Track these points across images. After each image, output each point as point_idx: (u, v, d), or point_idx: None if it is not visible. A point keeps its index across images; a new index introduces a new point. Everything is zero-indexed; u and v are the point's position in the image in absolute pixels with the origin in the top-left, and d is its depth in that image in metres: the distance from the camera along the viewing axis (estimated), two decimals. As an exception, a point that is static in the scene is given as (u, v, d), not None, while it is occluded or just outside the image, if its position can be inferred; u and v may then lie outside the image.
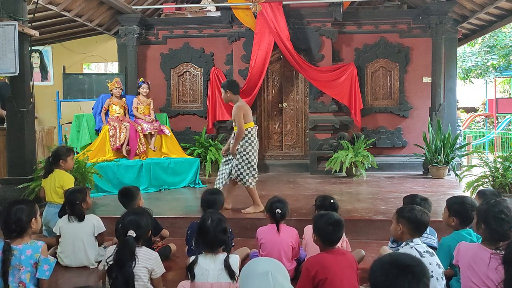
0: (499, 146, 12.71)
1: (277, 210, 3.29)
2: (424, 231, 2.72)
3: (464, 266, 2.44)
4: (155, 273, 2.77)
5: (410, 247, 2.57)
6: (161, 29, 8.63)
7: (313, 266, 2.48)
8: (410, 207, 2.77)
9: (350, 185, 6.75)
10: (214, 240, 2.52)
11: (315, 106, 8.05)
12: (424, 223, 2.66)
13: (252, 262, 1.85)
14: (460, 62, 15.31)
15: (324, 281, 2.43)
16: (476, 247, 2.47)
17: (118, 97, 6.94)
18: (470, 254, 2.42)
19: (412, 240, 2.61)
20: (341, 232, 2.66)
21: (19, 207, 2.68)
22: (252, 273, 1.75)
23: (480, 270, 2.34)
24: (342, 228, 2.67)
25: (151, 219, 2.97)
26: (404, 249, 2.59)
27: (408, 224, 2.65)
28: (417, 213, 2.67)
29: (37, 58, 9.64)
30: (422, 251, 2.54)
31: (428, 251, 2.56)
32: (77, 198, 3.67)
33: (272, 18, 7.42)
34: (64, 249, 3.67)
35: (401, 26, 8.27)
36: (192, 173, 6.77)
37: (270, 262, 1.83)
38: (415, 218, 2.64)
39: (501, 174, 4.96)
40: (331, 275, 2.44)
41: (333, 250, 2.62)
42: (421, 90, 8.24)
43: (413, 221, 2.64)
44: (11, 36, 4.88)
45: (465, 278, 2.43)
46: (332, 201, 3.33)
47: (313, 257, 2.60)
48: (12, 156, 5.27)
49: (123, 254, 2.59)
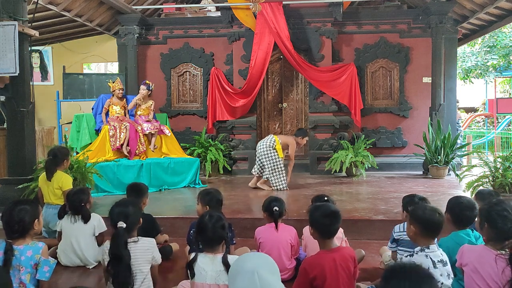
0: (499, 146, 12.70)
1: (274, 208, 3.31)
2: (439, 232, 2.57)
3: (468, 268, 2.39)
4: (155, 259, 2.79)
5: (425, 255, 2.45)
6: (161, 29, 8.63)
7: (312, 269, 2.45)
8: (423, 206, 2.65)
9: (350, 185, 6.75)
10: (213, 236, 2.51)
11: (315, 106, 8.05)
12: (436, 224, 2.52)
13: (240, 259, 1.81)
14: (460, 62, 15.30)
15: (322, 284, 2.42)
16: (480, 249, 2.42)
17: (120, 98, 6.94)
18: (475, 256, 2.38)
19: (428, 247, 2.48)
20: (338, 224, 2.60)
21: (23, 207, 2.66)
22: (239, 270, 1.72)
23: (485, 272, 2.30)
24: (339, 219, 2.60)
25: (138, 208, 2.97)
26: (419, 256, 2.47)
27: (419, 224, 2.53)
28: (428, 213, 2.54)
29: (37, 58, 9.64)
30: (436, 261, 2.44)
31: (442, 261, 2.46)
32: (82, 199, 3.68)
33: (272, 18, 7.42)
34: (63, 248, 3.68)
35: (401, 26, 8.27)
36: (192, 173, 6.77)
37: (258, 258, 1.79)
38: (425, 218, 2.52)
39: (501, 174, 4.96)
40: (330, 277, 2.42)
41: (331, 248, 2.56)
42: (421, 90, 8.24)
43: (423, 221, 2.52)
44: (11, 36, 4.88)
45: (470, 280, 2.38)
46: (326, 198, 3.33)
47: (312, 258, 2.56)
48: (12, 156, 5.27)
49: (117, 247, 2.59)
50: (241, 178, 7.59)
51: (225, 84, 8.02)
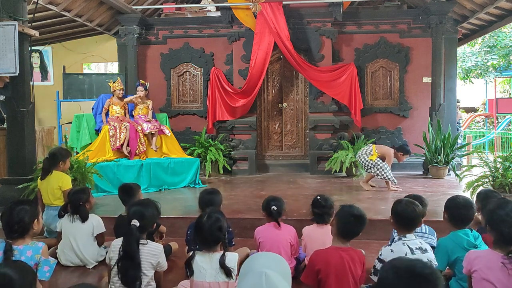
0: (499, 146, 12.71)
1: (272, 207, 3.32)
2: (412, 225, 2.66)
3: (478, 275, 2.35)
4: (160, 266, 2.78)
5: (402, 243, 2.57)
6: (161, 29, 8.63)
7: (318, 261, 2.50)
8: (402, 200, 2.76)
9: (350, 185, 6.75)
10: (209, 237, 2.51)
11: (315, 106, 8.05)
12: (408, 216, 2.62)
13: (253, 258, 1.81)
14: (460, 62, 15.30)
15: (326, 277, 2.46)
16: (487, 254, 2.39)
17: (120, 98, 6.95)
18: (483, 262, 2.34)
19: (405, 236, 2.60)
20: (359, 227, 2.59)
21: (22, 207, 2.67)
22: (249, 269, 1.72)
23: (495, 278, 2.27)
24: (363, 223, 2.58)
25: (157, 211, 2.95)
26: (396, 244, 2.58)
27: (395, 217, 2.68)
28: (401, 206, 2.68)
29: (37, 58, 9.64)
30: (414, 248, 2.52)
31: (420, 248, 2.55)
32: (81, 198, 3.70)
33: (272, 18, 7.42)
34: (63, 248, 3.68)
35: (401, 26, 8.27)
36: (192, 173, 6.77)
37: (270, 259, 1.78)
38: (398, 211, 2.66)
39: (501, 174, 4.96)
40: (333, 273, 2.45)
41: (342, 247, 2.57)
42: (421, 90, 8.24)
43: (396, 214, 2.66)
44: (11, 36, 4.89)
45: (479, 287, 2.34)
46: (318, 198, 3.33)
47: (320, 251, 2.59)
48: (12, 156, 5.28)
49: (129, 245, 2.59)
50: (241, 178, 7.60)
51: (225, 84, 8.02)
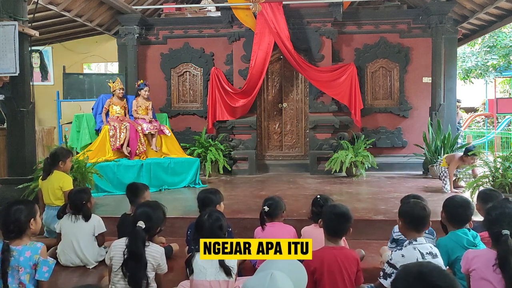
0: (499, 146, 12.70)
1: (264, 207, 3.36)
2: (422, 225, 2.64)
3: (476, 274, 2.36)
4: (161, 269, 2.78)
5: (413, 248, 2.53)
6: (161, 29, 8.63)
7: (313, 261, 2.50)
8: (407, 200, 2.76)
9: (350, 185, 6.75)
10: (209, 236, 2.52)
11: (315, 106, 8.05)
12: (419, 216, 2.61)
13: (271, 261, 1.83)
14: (460, 62, 15.30)
15: (321, 276, 2.49)
16: (485, 253, 2.40)
17: (120, 98, 6.95)
18: (482, 261, 2.35)
19: (416, 240, 2.56)
20: (346, 224, 2.66)
21: (18, 207, 2.67)
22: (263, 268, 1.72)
23: (493, 277, 2.28)
24: (347, 220, 2.66)
25: (163, 215, 2.95)
26: (407, 249, 2.53)
27: (403, 217, 2.65)
28: (410, 206, 2.67)
29: (37, 58, 9.65)
30: (425, 253, 2.49)
31: (431, 253, 2.51)
32: (83, 198, 3.71)
33: (272, 18, 7.42)
34: (63, 248, 3.68)
35: (401, 26, 8.27)
36: (192, 173, 6.77)
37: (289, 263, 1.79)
38: (408, 211, 2.64)
39: (501, 174, 4.95)
40: (328, 272, 2.47)
41: (335, 246, 2.62)
42: (421, 90, 8.24)
43: (406, 214, 2.64)
44: (11, 36, 4.88)
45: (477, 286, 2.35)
46: (318, 197, 3.35)
47: (314, 252, 2.58)
48: (12, 156, 5.27)
49: (136, 246, 2.60)
50: (241, 178, 7.59)
51: (225, 84, 8.02)
